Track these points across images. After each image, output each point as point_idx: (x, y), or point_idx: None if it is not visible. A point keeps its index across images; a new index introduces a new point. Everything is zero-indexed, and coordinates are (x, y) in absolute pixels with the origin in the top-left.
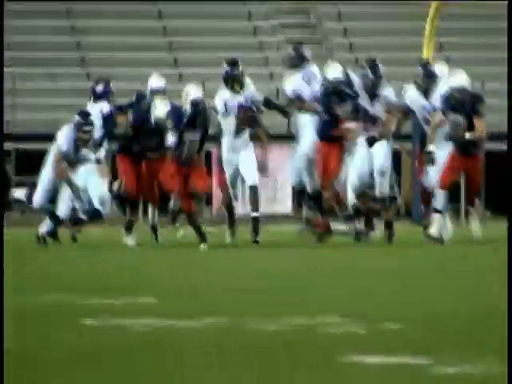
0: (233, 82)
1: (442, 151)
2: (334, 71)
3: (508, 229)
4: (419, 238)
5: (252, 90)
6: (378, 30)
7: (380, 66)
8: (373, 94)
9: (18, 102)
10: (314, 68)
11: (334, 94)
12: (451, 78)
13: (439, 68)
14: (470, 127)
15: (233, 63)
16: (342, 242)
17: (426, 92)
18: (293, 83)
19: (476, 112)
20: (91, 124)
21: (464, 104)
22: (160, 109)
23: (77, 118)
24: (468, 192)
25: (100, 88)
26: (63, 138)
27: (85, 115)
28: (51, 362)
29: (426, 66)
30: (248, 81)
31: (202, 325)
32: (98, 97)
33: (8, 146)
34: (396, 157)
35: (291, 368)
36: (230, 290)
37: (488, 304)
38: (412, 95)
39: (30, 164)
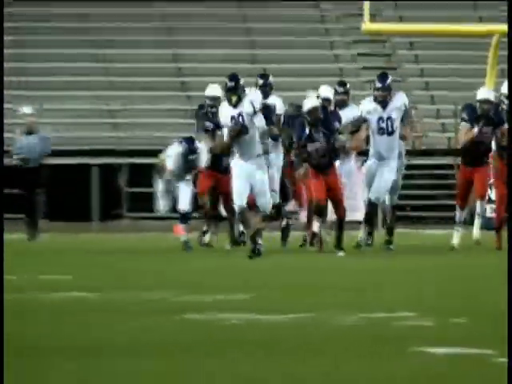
0: (229, 95)
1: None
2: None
3: (508, 231)
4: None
5: (256, 99)
6: (447, 57)
7: (389, 77)
8: (384, 102)
9: (128, 121)
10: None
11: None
12: (479, 91)
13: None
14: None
15: (232, 78)
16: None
17: (382, 103)
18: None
19: (502, 123)
20: (195, 152)
21: (489, 115)
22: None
23: (184, 144)
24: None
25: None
26: (172, 158)
27: (191, 142)
28: (151, 348)
29: (383, 77)
30: (252, 95)
31: (289, 319)
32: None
33: (120, 160)
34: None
35: (367, 357)
36: (314, 288)
37: None
38: (368, 106)
39: (141, 177)
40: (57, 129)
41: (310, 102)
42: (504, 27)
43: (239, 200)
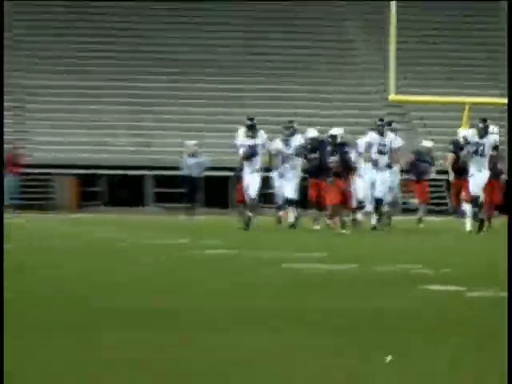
0: (247, 131)
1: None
2: (334, 131)
3: (508, 229)
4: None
5: (264, 138)
6: (441, 116)
7: (384, 120)
8: (381, 133)
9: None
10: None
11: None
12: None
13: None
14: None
15: (250, 120)
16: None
17: (381, 134)
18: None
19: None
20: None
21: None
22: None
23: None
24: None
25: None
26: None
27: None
28: (269, 287)
29: (382, 121)
30: (262, 132)
31: (346, 267)
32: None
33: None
34: None
35: (391, 290)
36: (360, 246)
37: (499, 263)
38: (374, 136)
39: None
40: (210, 154)
41: (332, 131)
42: (474, 99)
43: (252, 193)
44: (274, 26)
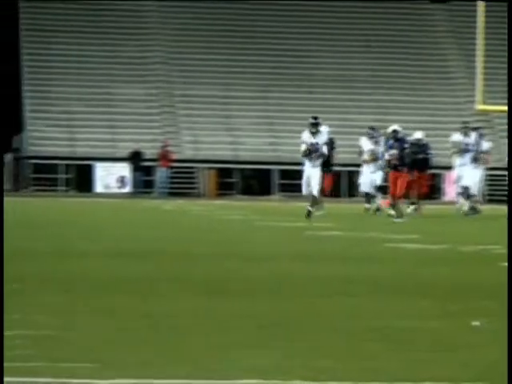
0: (311, 128)
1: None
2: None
3: (508, 227)
4: None
5: (324, 136)
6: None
7: (469, 124)
8: (465, 134)
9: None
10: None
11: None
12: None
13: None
14: None
15: (314, 118)
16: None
17: (465, 134)
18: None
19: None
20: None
21: None
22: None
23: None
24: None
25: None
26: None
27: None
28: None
29: (465, 122)
30: (323, 131)
31: (437, 247)
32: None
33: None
34: None
35: (474, 268)
36: (446, 230)
37: None
38: (457, 137)
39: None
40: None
41: (392, 127)
42: None
43: (304, 189)
44: (382, 46)
